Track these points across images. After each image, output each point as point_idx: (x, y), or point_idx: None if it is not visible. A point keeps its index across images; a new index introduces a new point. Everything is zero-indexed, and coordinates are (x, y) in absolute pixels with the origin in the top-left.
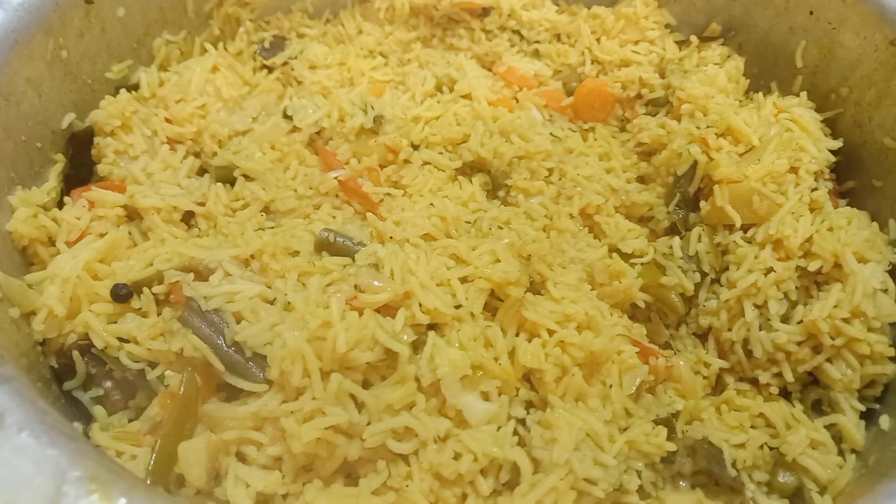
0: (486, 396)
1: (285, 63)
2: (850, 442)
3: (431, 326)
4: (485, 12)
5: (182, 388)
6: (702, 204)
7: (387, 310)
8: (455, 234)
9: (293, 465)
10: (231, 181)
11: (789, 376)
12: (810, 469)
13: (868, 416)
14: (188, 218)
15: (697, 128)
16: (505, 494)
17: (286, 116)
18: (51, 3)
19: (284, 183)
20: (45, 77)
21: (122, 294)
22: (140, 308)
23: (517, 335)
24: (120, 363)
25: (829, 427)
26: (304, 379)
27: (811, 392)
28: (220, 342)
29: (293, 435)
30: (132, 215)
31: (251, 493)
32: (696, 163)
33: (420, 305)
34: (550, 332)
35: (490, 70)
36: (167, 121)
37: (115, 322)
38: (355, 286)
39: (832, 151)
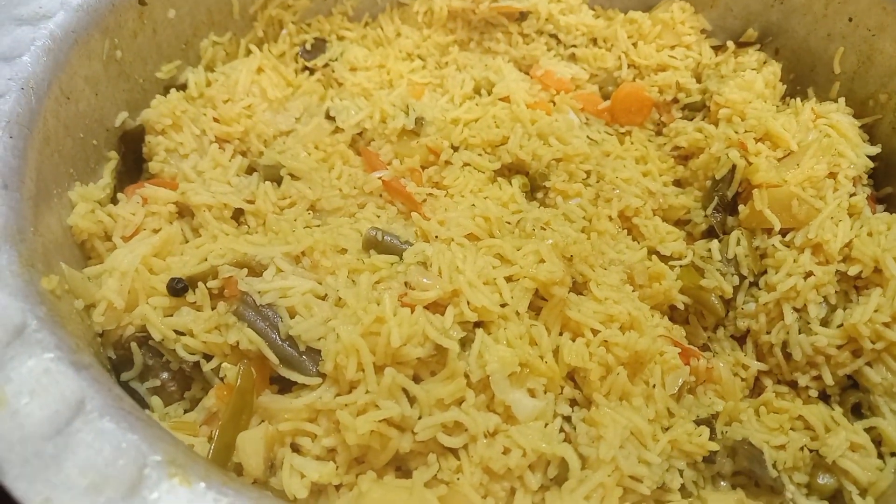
0: (532, 393)
1: (326, 65)
2: (891, 445)
3: (478, 324)
4: (522, 16)
5: (238, 380)
6: (740, 208)
7: (434, 307)
8: (498, 234)
9: (347, 457)
10: (278, 180)
11: (829, 379)
12: (850, 471)
13: None
14: (238, 215)
15: (735, 132)
16: (553, 490)
17: (329, 117)
18: (107, 5)
19: (329, 182)
20: (101, 76)
21: (178, 288)
22: (195, 302)
23: (561, 334)
24: (177, 355)
25: (868, 430)
26: (358, 373)
27: (850, 395)
28: (274, 336)
29: (348, 427)
30: (184, 212)
31: (306, 482)
32: (734, 167)
33: (468, 303)
34: (594, 332)
35: (527, 73)
36: (215, 120)
37: (171, 315)
38: (405, 283)
39: (870, 157)
